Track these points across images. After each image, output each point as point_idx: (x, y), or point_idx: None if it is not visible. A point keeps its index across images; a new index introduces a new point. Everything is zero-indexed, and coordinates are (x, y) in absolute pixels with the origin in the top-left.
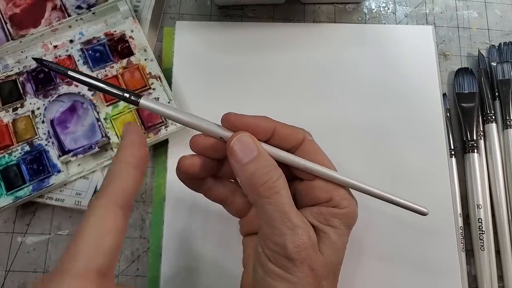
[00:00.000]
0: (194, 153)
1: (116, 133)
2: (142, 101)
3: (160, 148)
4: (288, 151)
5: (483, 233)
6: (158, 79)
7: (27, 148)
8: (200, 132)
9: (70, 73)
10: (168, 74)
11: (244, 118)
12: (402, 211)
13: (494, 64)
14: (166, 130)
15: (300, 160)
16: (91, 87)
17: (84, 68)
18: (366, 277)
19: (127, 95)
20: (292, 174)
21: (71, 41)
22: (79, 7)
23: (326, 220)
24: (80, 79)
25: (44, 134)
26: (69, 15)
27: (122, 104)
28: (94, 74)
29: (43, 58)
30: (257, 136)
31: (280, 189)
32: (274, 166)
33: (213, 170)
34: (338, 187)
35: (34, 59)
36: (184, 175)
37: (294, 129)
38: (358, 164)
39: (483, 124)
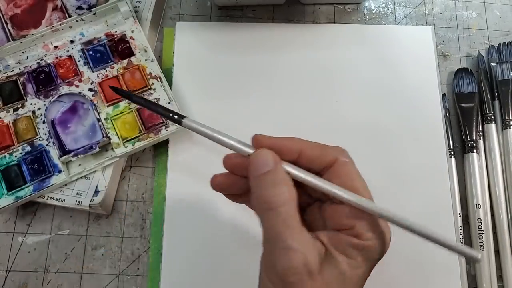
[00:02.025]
0: (227, 171)
1: (117, 133)
2: (185, 121)
3: (161, 148)
4: (318, 172)
5: (482, 233)
6: (159, 79)
7: (28, 148)
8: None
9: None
10: (168, 75)
11: (271, 139)
12: (402, 211)
13: (493, 64)
14: (167, 130)
15: (322, 183)
16: (147, 108)
17: (85, 69)
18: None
19: (172, 115)
20: (324, 195)
21: (71, 41)
22: (79, 7)
23: (342, 248)
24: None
25: (45, 134)
26: (69, 16)
27: (122, 104)
28: (94, 75)
29: (45, 58)
30: (283, 157)
31: (279, 206)
32: (283, 183)
33: (245, 186)
34: (364, 216)
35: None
36: (218, 191)
37: (323, 150)
38: (358, 164)
39: (483, 124)
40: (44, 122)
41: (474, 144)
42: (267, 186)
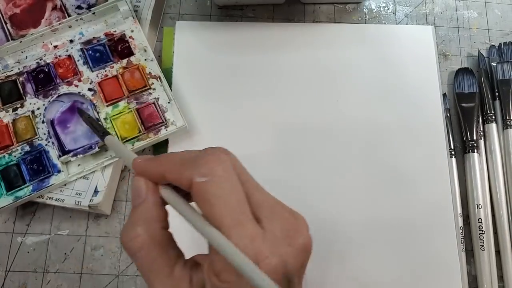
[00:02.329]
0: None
1: (116, 133)
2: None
3: (160, 148)
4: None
5: (483, 233)
6: (158, 79)
7: (27, 148)
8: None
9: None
10: (168, 74)
11: (145, 163)
12: (403, 211)
13: (494, 64)
14: (166, 130)
15: (185, 211)
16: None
17: (84, 68)
18: (367, 277)
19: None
20: None
21: (71, 41)
22: (79, 7)
23: (210, 283)
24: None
25: (44, 134)
26: (69, 15)
27: (122, 104)
28: (94, 74)
29: (44, 58)
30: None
31: (136, 252)
32: (139, 224)
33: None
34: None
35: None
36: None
37: (180, 171)
38: (358, 164)
39: (483, 124)
40: (43, 122)
41: (475, 144)
42: (126, 227)
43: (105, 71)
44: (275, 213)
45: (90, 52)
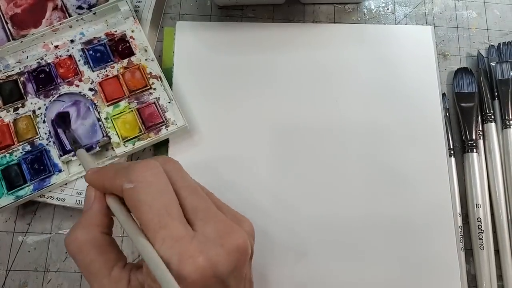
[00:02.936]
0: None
1: (117, 133)
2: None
3: (161, 147)
4: None
5: (482, 233)
6: (159, 79)
7: (28, 147)
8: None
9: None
10: (168, 74)
11: (92, 175)
12: (402, 210)
13: (493, 64)
14: (167, 129)
15: (120, 217)
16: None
17: (85, 68)
18: (366, 277)
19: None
20: None
21: (72, 41)
22: (80, 7)
23: (147, 282)
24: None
25: (45, 133)
26: (70, 15)
27: (123, 103)
28: (95, 74)
29: (45, 58)
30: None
31: (75, 254)
32: (85, 224)
33: None
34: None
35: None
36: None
37: (112, 181)
38: (358, 163)
39: (482, 124)
40: (44, 122)
41: (474, 144)
42: (70, 230)
43: (106, 71)
44: (209, 216)
45: (91, 52)
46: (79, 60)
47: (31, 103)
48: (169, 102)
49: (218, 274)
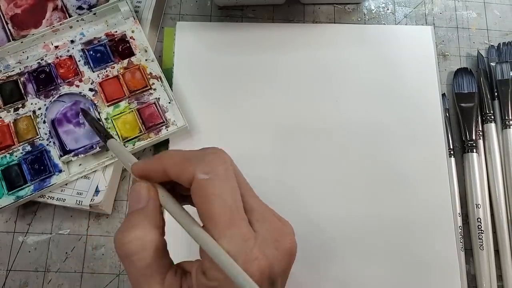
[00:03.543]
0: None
1: (117, 133)
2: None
3: (161, 147)
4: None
5: (482, 233)
6: (159, 79)
7: (28, 148)
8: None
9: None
10: (168, 74)
11: (144, 165)
12: (402, 210)
13: (493, 64)
14: (167, 130)
15: (179, 214)
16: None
17: (85, 69)
18: (366, 277)
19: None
20: None
21: (72, 41)
22: (80, 7)
23: (197, 285)
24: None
25: (45, 134)
26: (70, 16)
27: (123, 104)
28: (95, 74)
29: (45, 58)
30: (155, 180)
31: (131, 255)
32: (138, 227)
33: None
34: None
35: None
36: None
37: (182, 167)
38: (358, 163)
39: (482, 124)
40: (44, 122)
41: (474, 144)
42: (126, 229)
43: (106, 71)
44: (265, 218)
45: (91, 52)
46: (79, 61)
47: (31, 104)
48: (169, 103)
49: (272, 276)
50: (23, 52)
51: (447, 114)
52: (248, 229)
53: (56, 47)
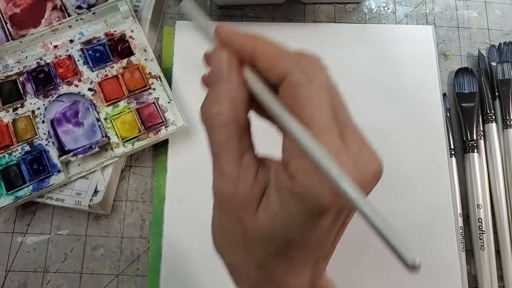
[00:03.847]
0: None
1: (116, 133)
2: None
3: (160, 148)
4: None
5: (483, 233)
6: (158, 79)
7: (27, 148)
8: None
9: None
10: (168, 74)
11: (232, 33)
12: (403, 210)
13: (494, 64)
14: (166, 130)
15: (269, 101)
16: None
17: (84, 68)
18: (366, 277)
19: None
20: None
21: (71, 41)
22: (79, 7)
23: (279, 187)
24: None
25: (44, 134)
26: (69, 15)
27: (122, 104)
28: (94, 74)
29: (44, 58)
30: (241, 57)
31: (216, 127)
32: (225, 101)
33: None
34: (299, 153)
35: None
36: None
37: (276, 59)
38: None
39: (483, 124)
40: (43, 122)
41: (475, 144)
42: (211, 101)
43: (105, 71)
44: (357, 135)
45: (90, 52)
46: (78, 60)
47: (30, 103)
48: (169, 102)
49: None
50: (22, 52)
51: (448, 114)
52: (340, 141)
53: (55, 46)
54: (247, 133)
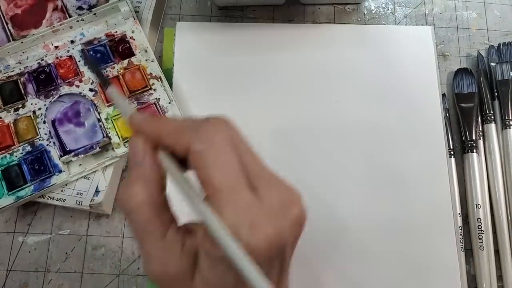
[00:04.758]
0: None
1: (117, 133)
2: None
3: None
4: None
5: (482, 233)
6: (159, 79)
7: (28, 148)
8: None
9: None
10: (168, 75)
11: (144, 121)
12: (402, 211)
13: (493, 64)
14: None
15: (177, 178)
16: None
17: (85, 69)
18: (366, 276)
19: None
20: None
21: (72, 41)
22: (80, 7)
23: (204, 249)
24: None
25: (45, 134)
26: (70, 16)
27: None
28: (95, 75)
29: (45, 58)
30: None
31: (131, 211)
32: (137, 183)
33: None
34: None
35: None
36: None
37: (178, 136)
38: (358, 164)
39: (482, 124)
40: (44, 122)
41: (474, 144)
42: (125, 186)
43: (106, 71)
44: (272, 184)
45: (91, 52)
46: (79, 61)
47: (31, 104)
48: (169, 103)
49: (281, 244)
50: (23, 52)
51: (447, 114)
52: (252, 196)
53: (56, 47)
54: (166, 209)
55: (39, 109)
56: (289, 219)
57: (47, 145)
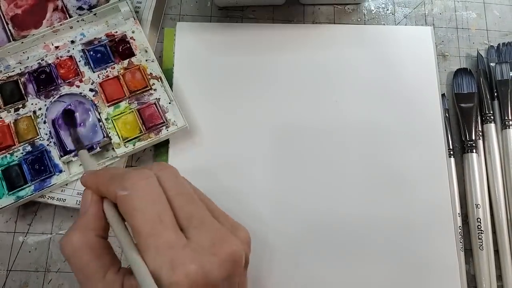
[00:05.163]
0: None
1: (118, 133)
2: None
3: (161, 148)
4: None
5: (481, 233)
6: (159, 79)
7: (28, 148)
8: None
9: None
10: (169, 75)
11: (89, 176)
12: (402, 211)
13: (492, 64)
14: (167, 130)
15: (114, 225)
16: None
17: (85, 69)
18: (366, 276)
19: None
20: None
21: (72, 42)
22: (80, 8)
23: None
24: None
25: (46, 134)
26: (70, 16)
27: (123, 104)
28: (95, 75)
29: (45, 58)
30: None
31: (69, 256)
32: (82, 228)
33: None
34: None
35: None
36: None
37: (107, 186)
38: (357, 164)
39: (482, 124)
40: (45, 122)
41: (474, 144)
42: (66, 233)
43: (106, 71)
44: (203, 225)
45: (91, 52)
46: (79, 61)
47: (32, 104)
48: (170, 103)
49: (209, 283)
50: (24, 53)
51: (447, 115)
52: (174, 237)
53: (57, 47)
54: (106, 253)
55: (40, 109)
56: (218, 257)
57: (48, 145)
